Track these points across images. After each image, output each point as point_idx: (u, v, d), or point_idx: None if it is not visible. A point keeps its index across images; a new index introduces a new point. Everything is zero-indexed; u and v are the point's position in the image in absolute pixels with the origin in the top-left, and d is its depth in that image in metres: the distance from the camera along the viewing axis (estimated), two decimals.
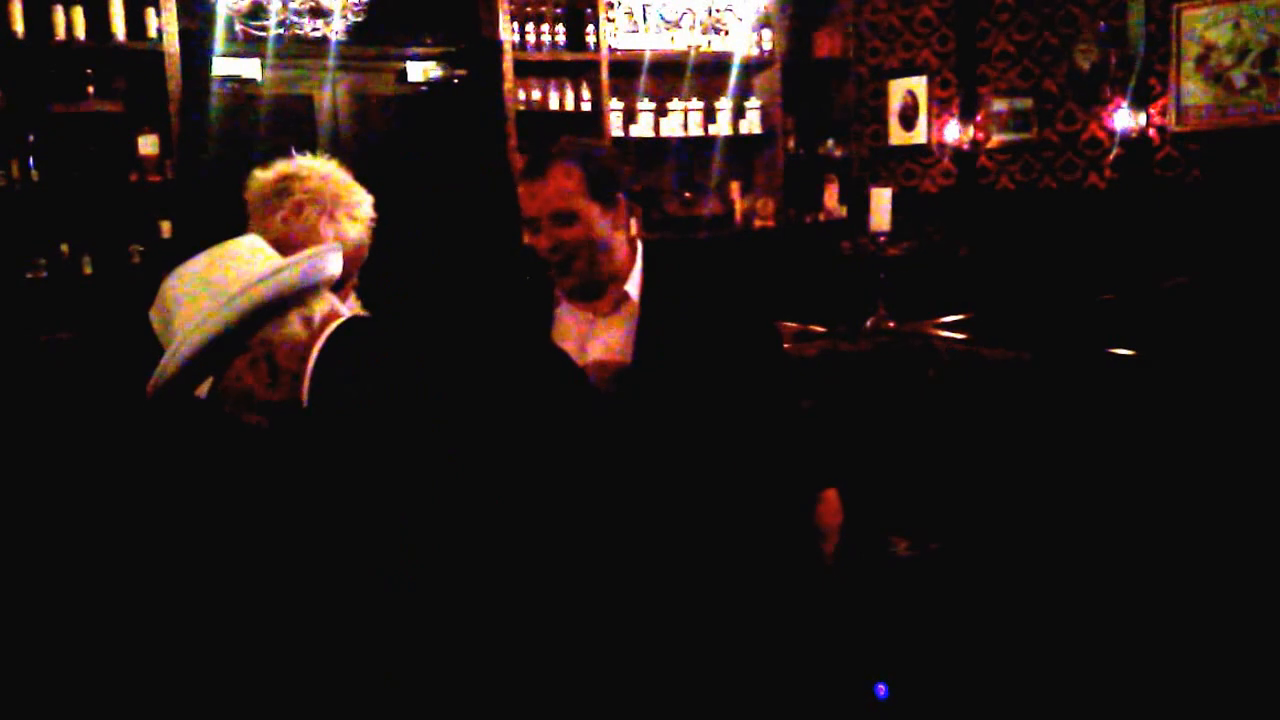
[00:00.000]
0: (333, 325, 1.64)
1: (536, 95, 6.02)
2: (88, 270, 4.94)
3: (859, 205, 6.41)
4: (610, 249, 2.02)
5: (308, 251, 1.66)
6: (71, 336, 4.75)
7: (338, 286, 1.79)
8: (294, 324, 1.64)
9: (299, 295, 1.64)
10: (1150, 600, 2.81)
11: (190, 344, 1.68)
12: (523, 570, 1.71)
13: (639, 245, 2.09)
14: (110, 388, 4.69)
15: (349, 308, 1.84)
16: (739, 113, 6.65)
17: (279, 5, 5.14)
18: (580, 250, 1.99)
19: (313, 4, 5.22)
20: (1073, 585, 2.92)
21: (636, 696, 1.76)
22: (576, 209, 1.96)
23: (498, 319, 2.22)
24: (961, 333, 3.96)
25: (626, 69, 6.23)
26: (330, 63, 5.49)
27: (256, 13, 5.15)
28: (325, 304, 1.67)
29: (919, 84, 6.51)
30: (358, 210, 2.00)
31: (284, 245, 1.75)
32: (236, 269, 1.65)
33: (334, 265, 1.68)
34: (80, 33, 4.84)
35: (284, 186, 1.90)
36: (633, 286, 2.04)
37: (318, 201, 1.91)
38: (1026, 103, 6.00)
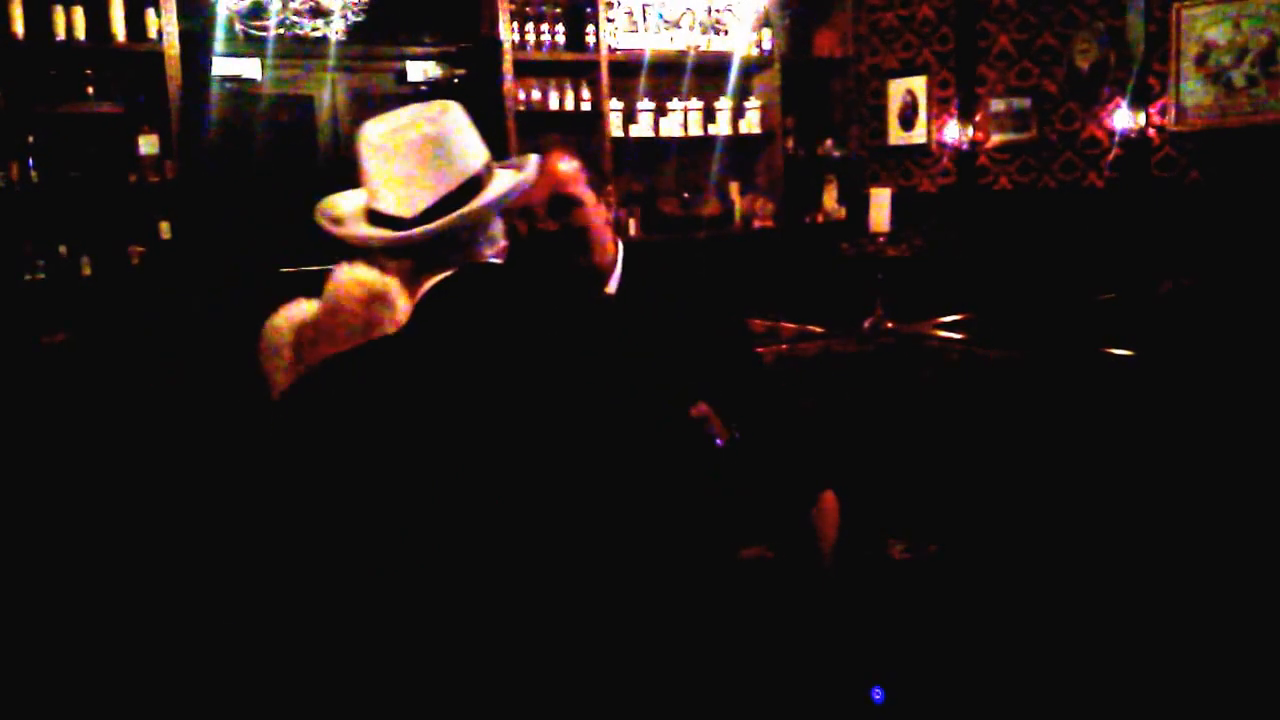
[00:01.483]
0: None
1: (536, 95, 6.02)
2: (86, 271, 4.94)
3: (858, 205, 6.41)
4: (603, 241, 2.04)
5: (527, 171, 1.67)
6: (70, 338, 4.76)
7: None
8: None
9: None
10: (1149, 601, 2.82)
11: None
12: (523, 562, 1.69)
13: (619, 243, 2.11)
14: (108, 389, 4.71)
15: None
16: (738, 113, 6.65)
17: (279, 5, 5.15)
18: (580, 239, 2.01)
19: (313, 4, 5.24)
20: (1071, 587, 2.93)
21: (633, 699, 1.76)
22: (579, 194, 1.98)
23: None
24: (960, 333, 3.97)
25: (626, 69, 6.23)
26: (330, 62, 5.50)
27: (256, 13, 5.16)
28: None
29: (918, 84, 6.51)
30: None
31: None
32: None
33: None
34: (80, 33, 4.84)
35: None
36: (612, 285, 2.05)
37: None
38: (1025, 103, 6.00)
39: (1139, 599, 2.83)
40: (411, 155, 1.58)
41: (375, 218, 1.63)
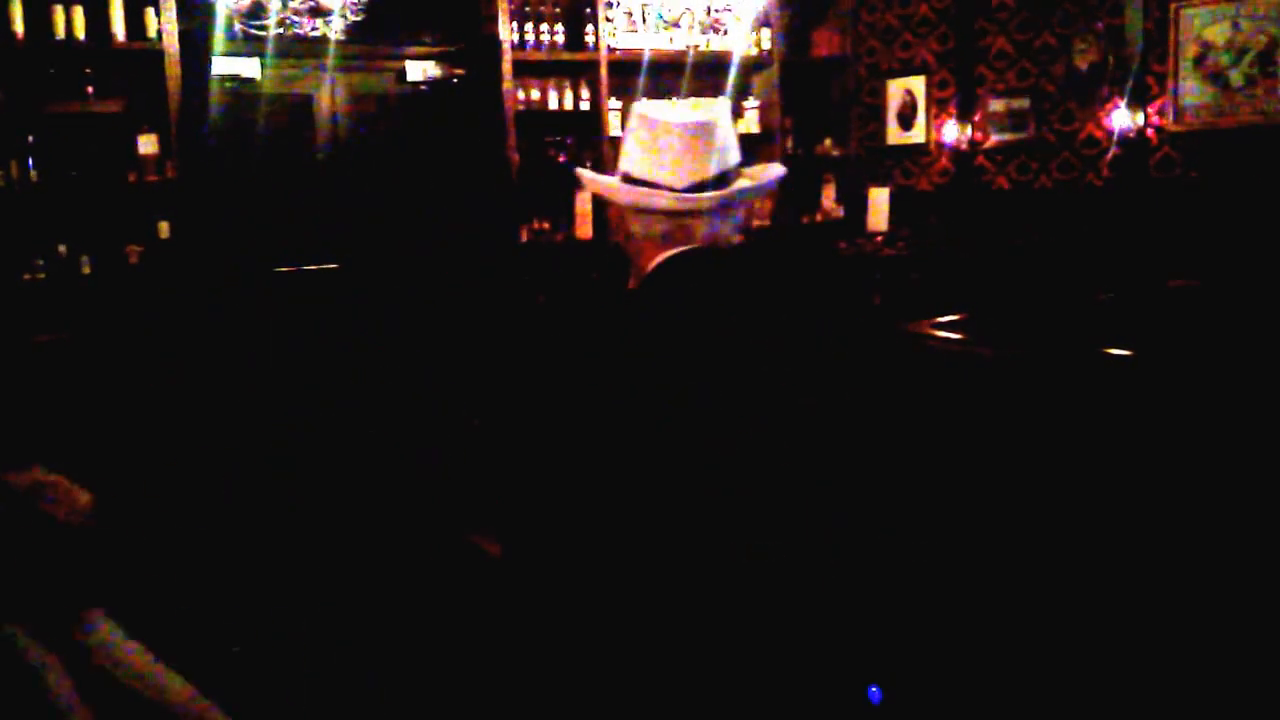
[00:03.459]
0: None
1: (535, 94, 6.03)
2: (86, 271, 4.95)
3: (857, 205, 6.42)
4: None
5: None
6: (69, 338, 4.76)
7: None
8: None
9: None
10: (1148, 601, 2.82)
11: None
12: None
13: None
14: (108, 389, 4.71)
15: None
16: (737, 112, 6.65)
17: (278, 4, 5.15)
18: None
19: (312, 3, 5.24)
20: (1070, 587, 2.93)
21: (636, 694, 1.77)
22: None
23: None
24: (958, 332, 3.97)
25: (625, 68, 6.23)
26: (330, 62, 5.51)
27: (256, 12, 5.16)
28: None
29: (917, 83, 6.51)
30: None
31: None
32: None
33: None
34: (80, 32, 4.85)
35: None
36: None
37: None
38: (1024, 102, 6.01)
39: (1138, 599, 2.84)
40: (689, 137, 1.78)
41: (636, 184, 1.82)
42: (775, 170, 1.92)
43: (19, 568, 1.78)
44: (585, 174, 1.95)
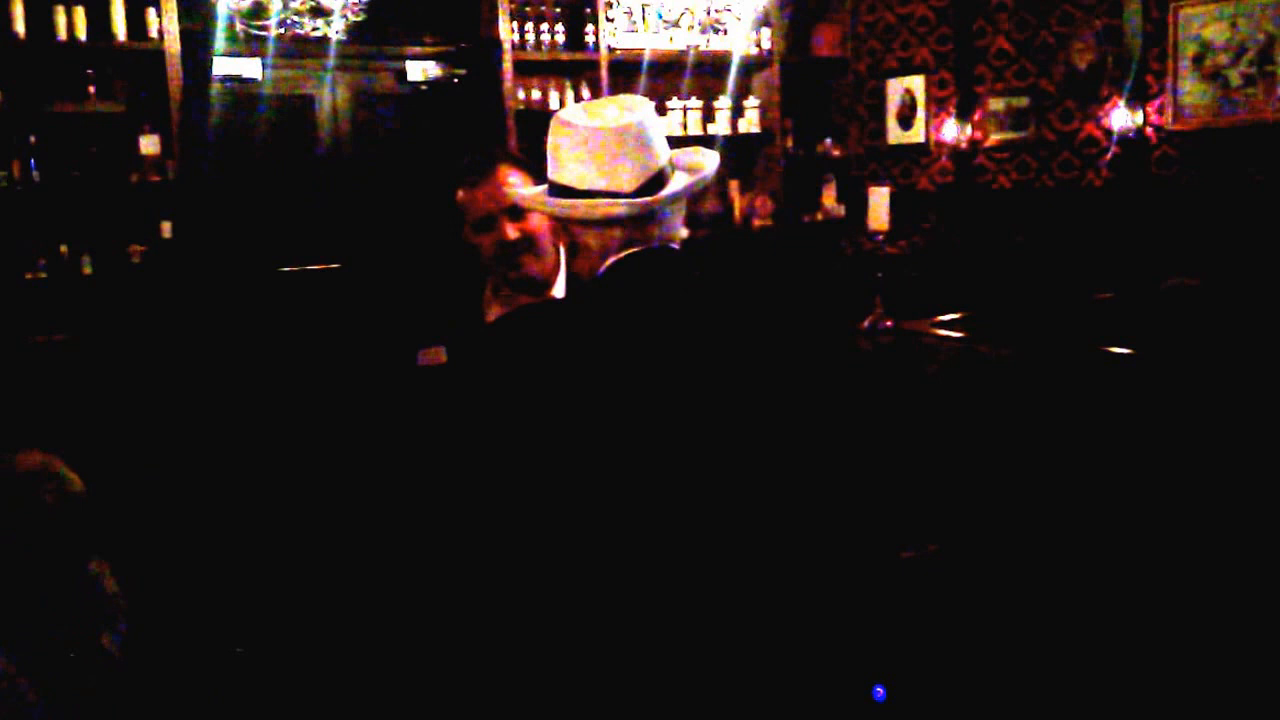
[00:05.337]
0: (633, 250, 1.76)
1: (536, 95, 6.04)
2: (88, 271, 4.95)
3: (857, 204, 6.43)
4: (549, 248, 2.12)
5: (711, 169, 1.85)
6: (70, 338, 4.77)
7: None
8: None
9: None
10: (1148, 600, 2.83)
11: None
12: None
13: (562, 252, 2.16)
14: (108, 389, 4.71)
15: None
16: (738, 112, 6.66)
17: (279, 5, 5.15)
18: (536, 244, 2.06)
19: (313, 3, 5.24)
20: (1071, 585, 2.94)
21: (637, 693, 1.78)
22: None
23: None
24: (959, 331, 3.98)
25: (626, 68, 6.24)
26: (330, 62, 5.51)
27: (257, 12, 5.16)
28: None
29: (917, 83, 6.52)
30: None
31: None
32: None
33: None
34: (81, 33, 4.85)
35: None
36: (558, 291, 2.11)
37: None
38: (1024, 102, 6.02)
39: (1138, 597, 2.84)
40: (625, 140, 1.73)
41: (578, 195, 1.76)
42: (709, 156, 1.87)
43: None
44: (525, 194, 1.87)
